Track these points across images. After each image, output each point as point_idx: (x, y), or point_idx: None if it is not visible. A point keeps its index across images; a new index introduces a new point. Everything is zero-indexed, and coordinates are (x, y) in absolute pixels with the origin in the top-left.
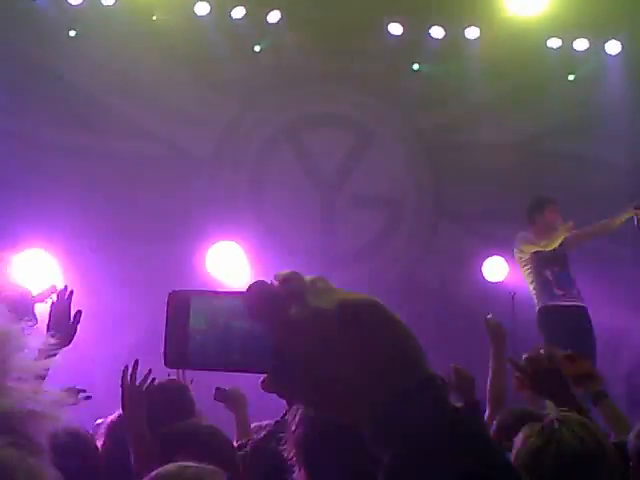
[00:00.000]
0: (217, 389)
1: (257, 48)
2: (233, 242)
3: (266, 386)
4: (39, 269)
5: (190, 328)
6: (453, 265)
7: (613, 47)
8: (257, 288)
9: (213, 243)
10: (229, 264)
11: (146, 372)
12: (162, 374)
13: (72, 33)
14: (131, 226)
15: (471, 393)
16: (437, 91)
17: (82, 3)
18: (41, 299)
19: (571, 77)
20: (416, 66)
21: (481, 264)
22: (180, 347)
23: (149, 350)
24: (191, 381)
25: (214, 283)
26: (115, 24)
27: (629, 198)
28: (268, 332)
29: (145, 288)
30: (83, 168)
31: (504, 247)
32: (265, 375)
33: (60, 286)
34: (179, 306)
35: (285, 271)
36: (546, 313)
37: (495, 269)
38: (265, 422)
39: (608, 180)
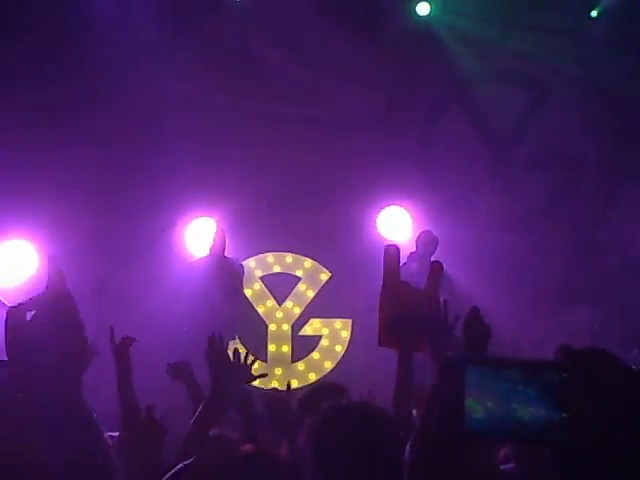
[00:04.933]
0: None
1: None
2: (400, 207)
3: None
4: None
5: (467, 400)
6: (635, 227)
7: None
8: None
9: (381, 208)
10: (396, 228)
11: None
12: None
13: None
14: (288, 190)
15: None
16: (617, 39)
17: None
18: None
19: None
20: (594, 12)
21: None
22: (456, 417)
23: None
24: None
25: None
26: None
27: None
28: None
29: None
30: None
31: None
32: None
33: None
34: (452, 373)
35: None
36: None
37: None
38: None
39: None
